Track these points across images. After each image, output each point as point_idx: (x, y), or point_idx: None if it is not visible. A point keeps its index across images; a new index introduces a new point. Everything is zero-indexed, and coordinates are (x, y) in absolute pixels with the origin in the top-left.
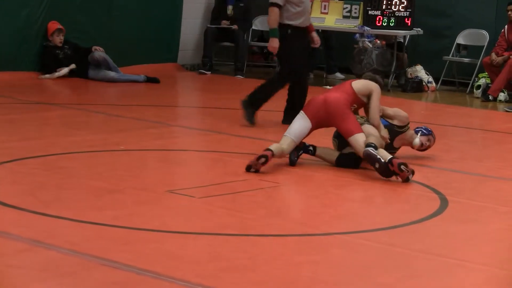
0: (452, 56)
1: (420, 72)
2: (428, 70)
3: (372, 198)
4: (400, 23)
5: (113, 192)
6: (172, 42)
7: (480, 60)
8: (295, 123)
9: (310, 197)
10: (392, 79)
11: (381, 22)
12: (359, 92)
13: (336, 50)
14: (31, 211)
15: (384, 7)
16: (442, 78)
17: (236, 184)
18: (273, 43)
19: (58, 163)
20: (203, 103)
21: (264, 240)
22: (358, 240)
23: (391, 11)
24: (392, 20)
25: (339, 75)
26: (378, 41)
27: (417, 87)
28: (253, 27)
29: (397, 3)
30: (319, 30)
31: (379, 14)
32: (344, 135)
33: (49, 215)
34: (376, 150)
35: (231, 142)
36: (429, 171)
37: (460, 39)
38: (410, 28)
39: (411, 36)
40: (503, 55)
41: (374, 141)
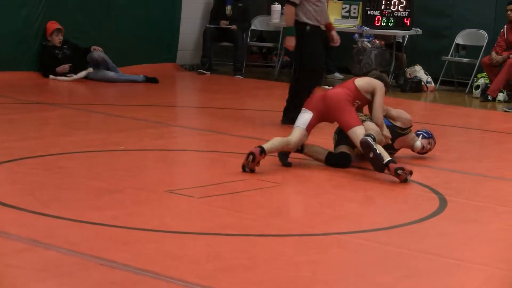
0: (451, 56)
1: (419, 72)
2: (427, 70)
3: (371, 198)
4: (399, 23)
5: (112, 192)
6: (171, 42)
7: (479, 60)
8: (300, 116)
9: (309, 197)
10: (391, 79)
11: (380, 22)
12: (362, 89)
13: (335, 50)
14: (30, 211)
15: (383, 7)
16: (441, 78)
17: (235, 184)
18: (290, 41)
19: (58, 163)
20: (202, 103)
21: (263, 240)
22: (357, 240)
23: (390, 11)
24: (391, 20)
25: (338, 75)
26: (377, 41)
27: (416, 87)
28: (252, 27)
29: (396, 3)
30: None
31: (378, 14)
32: (344, 129)
33: (48, 215)
34: (374, 142)
35: (230, 142)
36: (428, 171)
37: (459, 39)
38: (409, 28)
39: (410, 36)
40: (503, 55)
41: (373, 133)
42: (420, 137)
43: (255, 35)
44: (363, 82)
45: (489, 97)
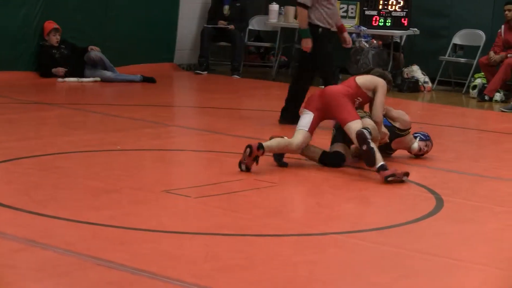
0: (449, 56)
1: (416, 72)
2: (425, 70)
3: (368, 198)
4: (397, 23)
5: (109, 192)
6: (169, 42)
7: (476, 60)
8: (302, 118)
9: (306, 197)
10: None
11: (377, 22)
12: (363, 86)
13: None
14: (27, 211)
15: (380, 7)
16: (438, 78)
17: (232, 184)
18: (306, 43)
19: (55, 162)
20: (199, 103)
21: (260, 240)
22: (354, 240)
23: (388, 11)
24: (389, 20)
25: None
26: (375, 41)
27: (413, 87)
28: (250, 27)
29: (394, 3)
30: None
31: (375, 14)
32: (341, 124)
33: (45, 215)
34: (370, 135)
35: (227, 142)
36: (425, 171)
37: (457, 39)
38: (406, 28)
39: (408, 36)
40: (501, 54)
41: (370, 128)
42: (418, 139)
43: (252, 35)
44: (364, 79)
45: (486, 97)
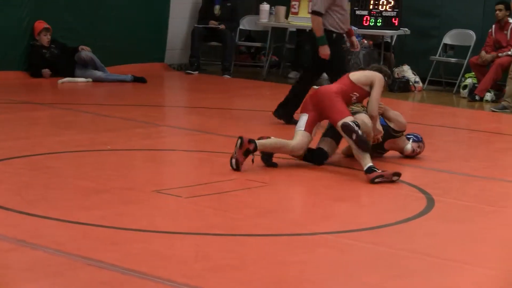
0: (439, 56)
1: (407, 72)
2: (415, 70)
3: (359, 197)
4: (387, 23)
5: (100, 192)
6: (160, 42)
7: (466, 60)
8: (299, 120)
9: (298, 196)
10: None
11: (368, 22)
12: (359, 81)
13: None
14: (17, 211)
15: (371, 7)
16: (429, 78)
17: (223, 184)
18: (324, 50)
19: (45, 162)
20: (190, 103)
21: (251, 240)
22: (345, 240)
23: (378, 11)
24: (379, 20)
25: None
26: (365, 41)
27: (404, 87)
28: (241, 27)
29: (385, 3)
30: (307, 30)
31: (366, 14)
32: (333, 125)
33: (35, 215)
34: (357, 127)
35: (218, 141)
36: (416, 171)
37: (447, 39)
38: (397, 28)
39: (398, 36)
40: (492, 54)
41: (359, 122)
42: (411, 140)
43: (243, 35)
44: (359, 75)
45: (477, 97)
